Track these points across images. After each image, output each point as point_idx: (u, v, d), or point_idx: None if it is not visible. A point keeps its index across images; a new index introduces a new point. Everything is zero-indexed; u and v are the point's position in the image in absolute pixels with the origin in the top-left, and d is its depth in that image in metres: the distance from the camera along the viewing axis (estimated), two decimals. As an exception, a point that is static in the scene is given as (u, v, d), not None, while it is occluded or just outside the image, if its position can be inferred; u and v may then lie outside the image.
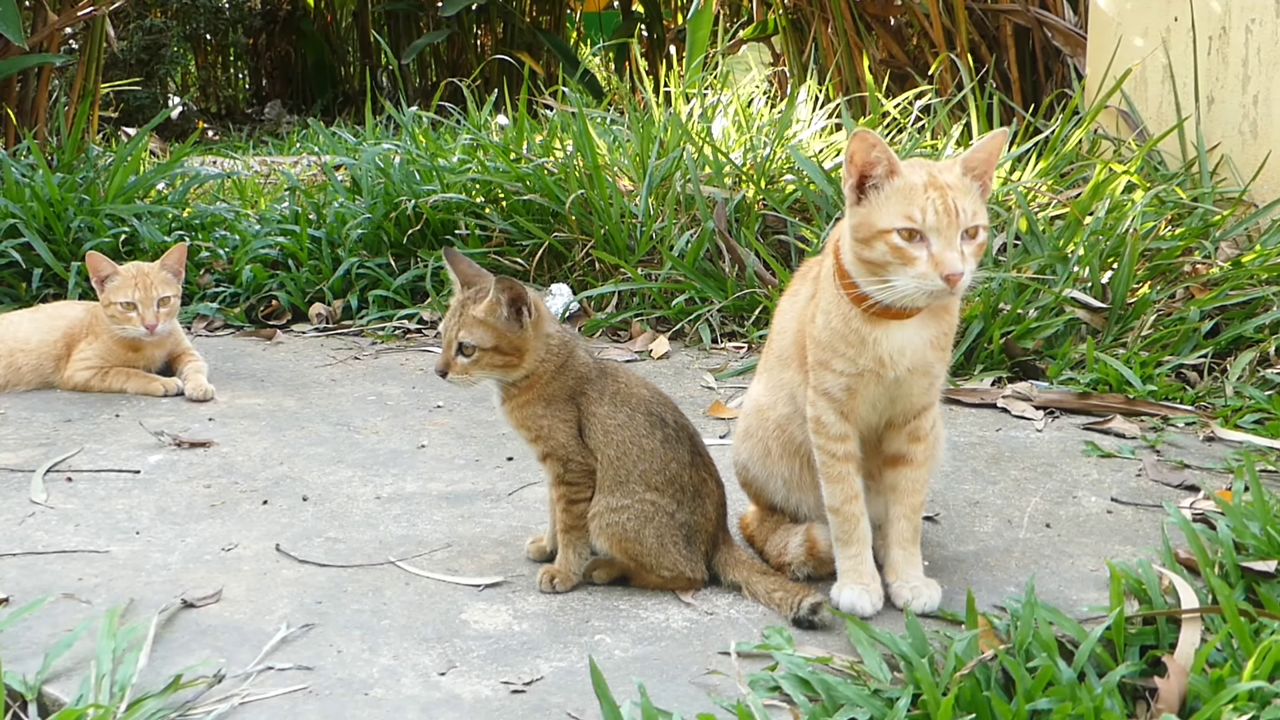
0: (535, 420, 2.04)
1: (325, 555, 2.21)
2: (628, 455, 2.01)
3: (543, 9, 11.02)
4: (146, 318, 3.28)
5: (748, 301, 3.77)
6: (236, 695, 1.71)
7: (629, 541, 2.00)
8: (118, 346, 3.34)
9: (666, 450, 2.01)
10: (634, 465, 2.00)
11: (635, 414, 2.03)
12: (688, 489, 2.02)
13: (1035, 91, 5.26)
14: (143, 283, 3.28)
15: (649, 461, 2.00)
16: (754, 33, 7.02)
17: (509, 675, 1.77)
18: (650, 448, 2.01)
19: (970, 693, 1.59)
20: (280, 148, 8.22)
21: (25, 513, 2.42)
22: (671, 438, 2.02)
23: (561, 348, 2.05)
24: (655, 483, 2.00)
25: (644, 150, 4.37)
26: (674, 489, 2.01)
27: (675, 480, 2.01)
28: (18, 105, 5.60)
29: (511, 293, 1.99)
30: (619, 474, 2.01)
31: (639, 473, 2.00)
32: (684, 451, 2.03)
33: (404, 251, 4.29)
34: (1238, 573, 1.94)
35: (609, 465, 2.01)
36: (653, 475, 2.00)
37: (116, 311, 3.28)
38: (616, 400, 2.04)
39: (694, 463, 2.04)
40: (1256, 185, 4.01)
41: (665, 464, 2.01)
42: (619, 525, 2.00)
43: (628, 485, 2.00)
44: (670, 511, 2.00)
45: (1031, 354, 3.33)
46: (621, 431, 2.01)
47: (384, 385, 3.38)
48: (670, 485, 2.01)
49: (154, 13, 10.43)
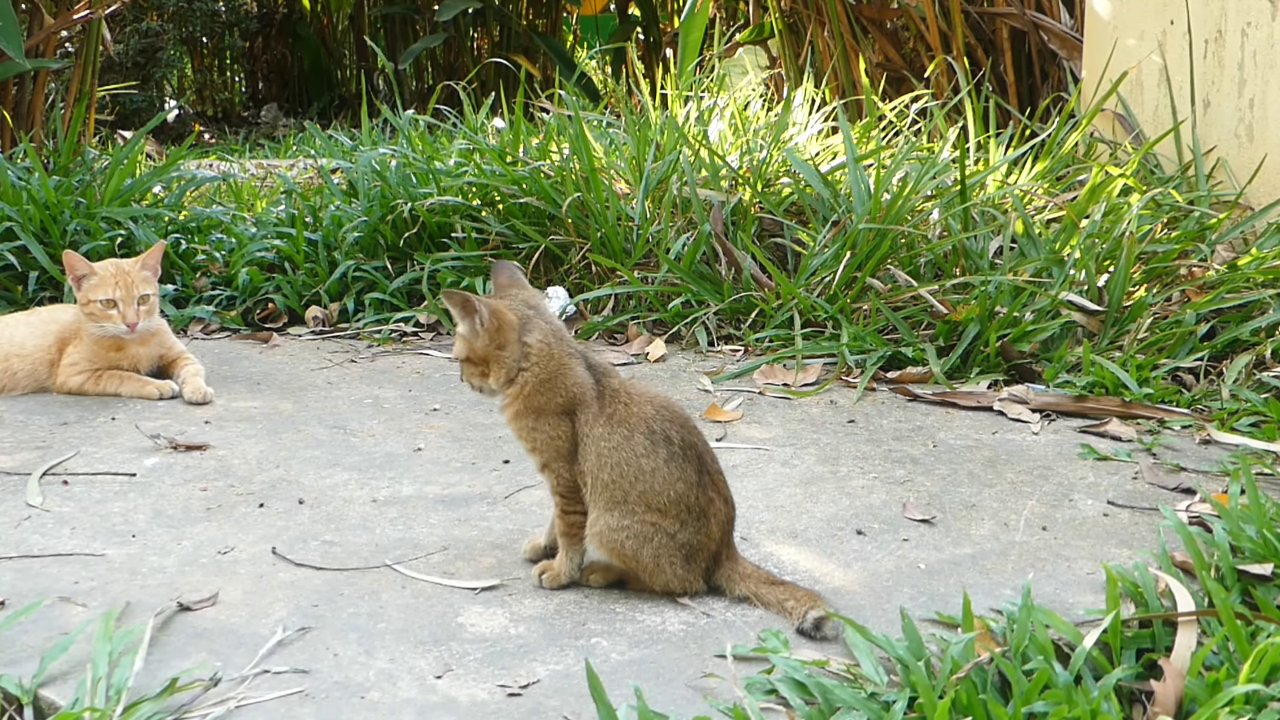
0: (528, 431, 2.06)
1: (321, 558, 2.21)
2: (624, 477, 1.99)
3: (539, 12, 11.03)
4: (128, 315, 3.25)
5: (744, 304, 3.77)
6: (233, 698, 1.71)
7: (626, 558, 2.01)
8: (99, 347, 3.31)
9: (671, 470, 1.99)
10: (631, 486, 1.98)
11: (634, 434, 2.00)
12: (694, 509, 1.99)
13: (1031, 95, 5.27)
14: (123, 280, 3.25)
15: (649, 482, 1.98)
16: (750, 36, 7.03)
17: (505, 678, 1.77)
18: (651, 467, 1.98)
19: (966, 696, 1.59)
20: (276, 151, 8.21)
21: (21, 516, 2.41)
22: (677, 456, 1.99)
23: (546, 360, 2.04)
24: (658, 503, 1.98)
25: (640, 153, 4.37)
26: (678, 509, 1.99)
27: (681, 500, 1.99)
28: (14, 108, 5.59)
29: (455, 304, 2.03)
30: (615, 495, 1.99)
31: (638, 493, 1.98)
32: (691, 471, 2.00)
33: (400, 255, 4.29)
34: (1234, 576, 1.94)
35: (604, 488, 2.00)
36: (654, 496, 1.98)
37: (96, 310, 3.25)
38: (614, 421, 2.01)
39: (701, 482, 2.00)
40: (1252, 188, 4.01)
41: (669, 484, 1.98)
42: (618, 543, 1.99)
43: (627, 504, 1.98)
44: (671, 532, 1.98)
45: (1028, 357, 3.33)
46: (617, 454, 1.99)
47: (380, 388, 3.38)
48: (675, 506, 1.98)
49: (150, 16, 10.42)
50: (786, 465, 2.70)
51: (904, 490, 2.54)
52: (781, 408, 3.13)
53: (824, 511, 2.42)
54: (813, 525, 2.36)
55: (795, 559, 2.20)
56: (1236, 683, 1.60)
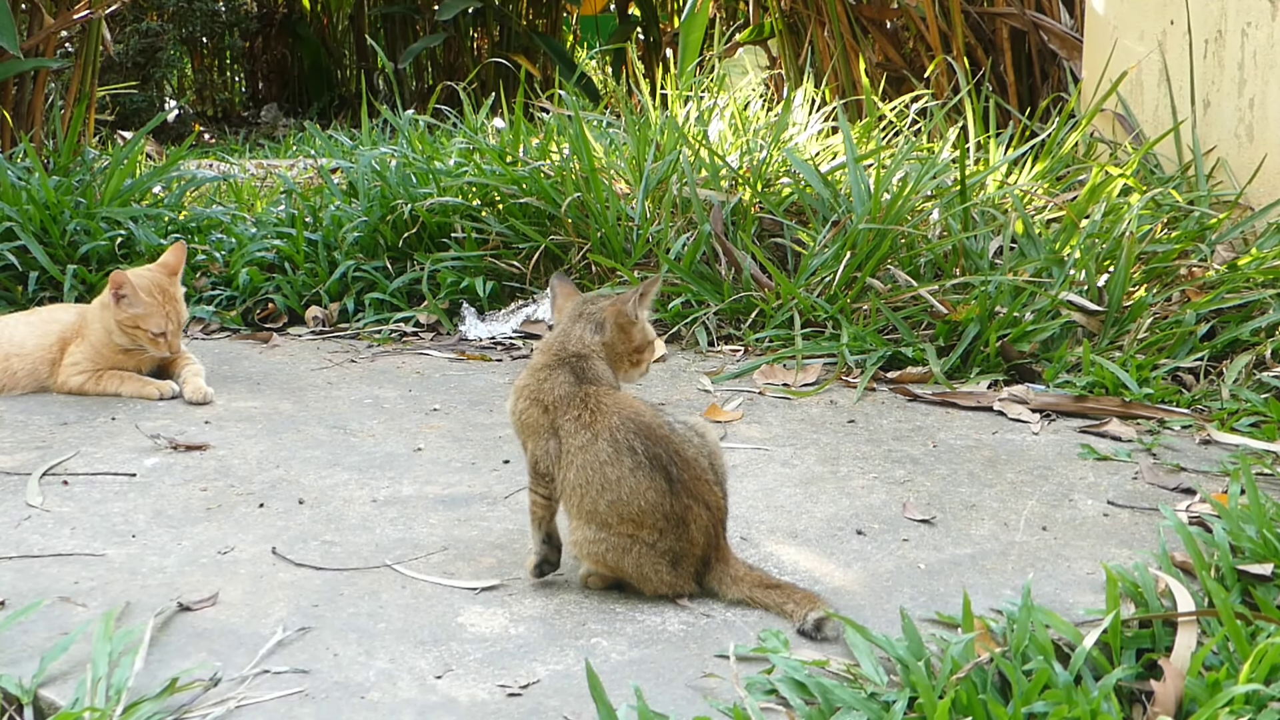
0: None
1: (321, 558, 2.21)
2: (591, 484, 1.98)
3: (539, 12, 11.03)
4: (174, 346, 3.31)
5: (744, 304, 3.77)
6: (233, 698, 1.71)
7: (610, 569, 2.01)
8: (109, 350, 3.32)
9: (639, 478, 1.96)
10: (600, 495, 1.97)
11: (597, 440, 1.99)
12: (671, 517, 1.96)
13: (1031, 95, 5.27)
14: (173, 313, 3.28)
15: (616, 491, 1.96)
16: (750, 36, 7.03)
17: (505, 678, 1.77)
18: (616, 476, 1.97)
19: (966, 696, 1.59)
20: (276, 151, 8.21)
21: (21, 516, 2.41)
22: (644, 465, 1.96)
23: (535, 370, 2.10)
24: (630, 514, 1.96)
25: (640, 153, 4.37)
26: (654, 518, 1.96)
27: (655, 509, 1.96)
28: (14, 108, 5.60)
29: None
30: (584, 503, 1.99)
31: (607, 502, 1.97)
32: (661, 479, 1.96)
33: (400, 254, 4.29)
34: (1234, 576, 1.94)
35: (572, 491, 2.00)
36: (624, 505, 1.96)
37: (144, 338, 3.27)
38: (580, 425, 2.02)
39: (674, 490, 1.97)
40: (1252, 188, 4.01)
41: (638, 493, 1.96)
42: (599, 555, 1.99)
43: (598, 515, 1.97)
44: (650, 542, 1.97)
45: (1028, 357, 3.33)
46: (582, 454, 1.99)
47: (380, 388, 3.38)
48: (649, 515, 1.96)
49: (150, 16, 10.42)
50: (786, 465, 2.70)
51: (904, 490, 2.54)
52: (781, 408, 3.14)
53: (824, 511, 2.42)
54: (813, 525, 2.36)
55: (795, 559, 2.20)
56: (1236, 683, 1.60)
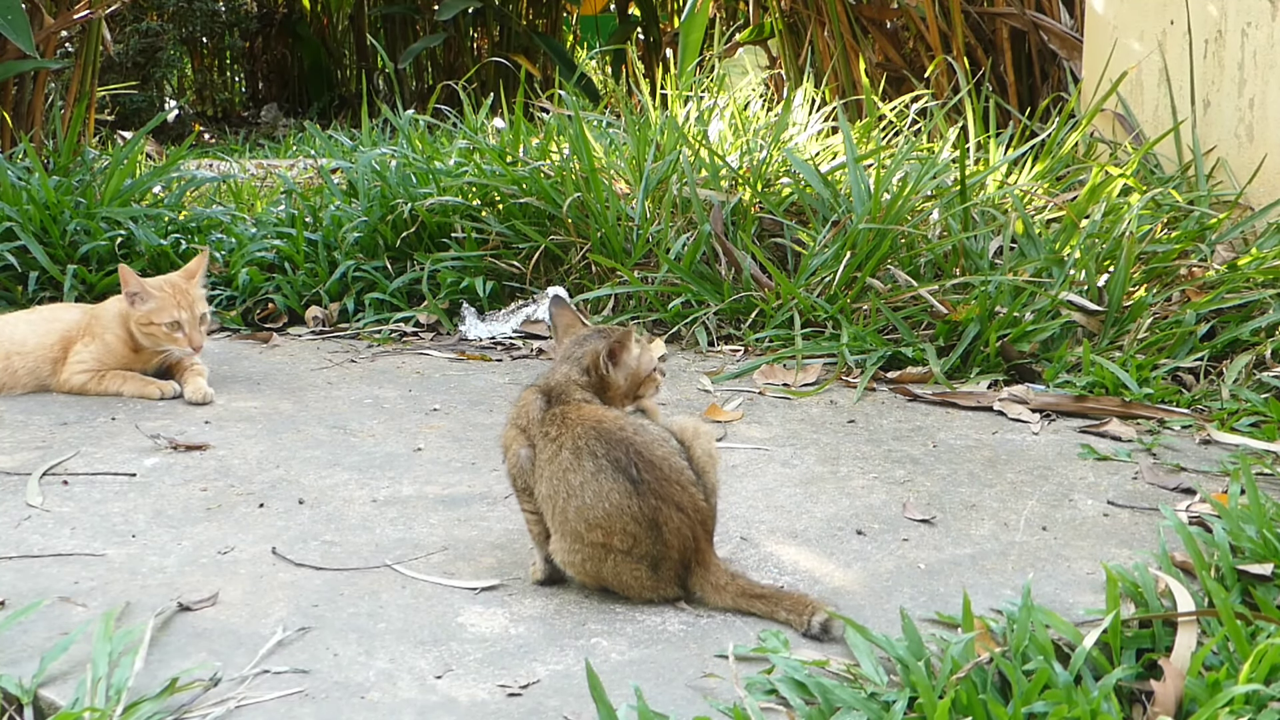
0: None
1: (321, 558, 2.21)
2: (558, 493, 1.98)
3: (539, 12, 11.04)
4: (194, 339, 3.27)
5: (744, 304, 3.78)
6: (233, 699, 1.71)
7: (590, 577, 2.00)
8: (120, 350, 3.32)
9: (601, 482, 1.95)
10: (566, 502, 1.97)
11: (561, 450, 1.99)
12: (641, 520, 1.94)
13: (1031, 95, 5.28)
14: (184, 301, 3.26)
15: (580, 496, 1.96)
16: (750, 36, 7.04)
17: (505, 678, 1.77)
18: (579, 481, 1.96)
19: (966, 696, 1.59)
20: (276, 151, 8.22)
21: (21, 516, 2.41)
22: (605, 469, 1.95)
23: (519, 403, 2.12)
24: (595, 519, 1.95)
25: (640, 153, 4.37)
26: (622, 522, 1.94)
27: (622, 512, 1.94)
28: (14, 108, 5.60)
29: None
30: (556, 514, 1.99)
31: (574, 509, 1.96)
32: (624, 481, 1.95)
33: (400, 254, 4.29)
34: (1234, 576, 1.94)
35: (545, 503, 2.02)
36: (589, 510, 1.95)
37: (160, 332, 3.26)
38: (547, 440, 2.02)
39: (639, 491, 1.95)
40: (1252, 188, 4.02)
41: (601, 497, 1.95)
42: (577, 565, 1.99)
43: (568, 524, 1.97)
44: (624, 548, 1.96)
45: (1028, 357, 3.33)
46: (549, 466, 2.00)
47: (380, 388, 3.38)
48: (615, 519, 1.94)
49: (150, 16, 10.42)
50: (786, 465, 2.70)
51: (904, 490, 2.54)
52: (781, 408, 3.14)
53: (824, 511, 2.42)
54: (813, 525, 2.36)
55: (795, 559, 2.20)
56: (1236, 683, 1.60)
